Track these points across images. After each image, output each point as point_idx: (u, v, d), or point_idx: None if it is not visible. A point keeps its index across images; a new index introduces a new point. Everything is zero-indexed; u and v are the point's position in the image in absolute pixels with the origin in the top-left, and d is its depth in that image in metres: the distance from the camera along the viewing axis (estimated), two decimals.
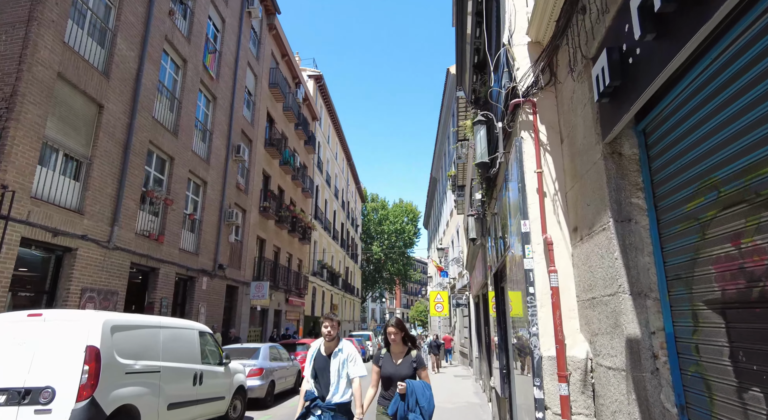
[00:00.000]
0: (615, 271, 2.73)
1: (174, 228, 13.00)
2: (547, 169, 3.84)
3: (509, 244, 4.85)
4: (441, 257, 25.42)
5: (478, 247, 9.71)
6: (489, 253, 8.16)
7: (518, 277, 4.16)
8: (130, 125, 10.75)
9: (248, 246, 18.92)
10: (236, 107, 17.73)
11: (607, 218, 2.82)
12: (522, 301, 4.05)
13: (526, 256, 3.68)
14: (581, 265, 3.40)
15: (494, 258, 7.22)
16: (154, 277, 12.18)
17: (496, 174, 5.64)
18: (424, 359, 3.84)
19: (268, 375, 10.66)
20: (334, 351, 3.83)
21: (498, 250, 6.34)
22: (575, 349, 3.34)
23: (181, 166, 13.44)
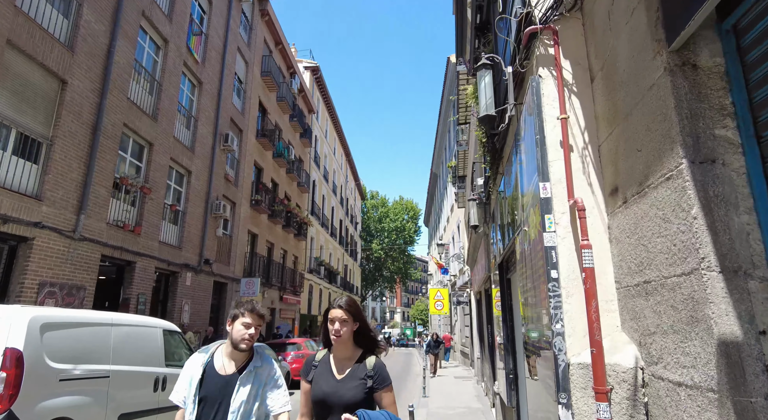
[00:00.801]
0: (691, 238, 1.81)
1: (153, 219, 12.09)
2: (573, 116, 2.91)
3: (519, 222, 3.93)
4: (441, 254, 24.49)
5: (480, 236, 8.79)
6: (493, 242, 7.25)
7: (534, 261, 3.24)
8: (99, 105, 9.83)
9: (238, 240, 18.02)
10: (225, 94, 16.81)
11: (676, 160, 1.89)
12: (538, 291, 3.13)
13: (547, 228, 2.76)
14: (625, 238, 2.48)
15: (499, 247, 6.31)
16: (130, 272, 11.27)
17: (503, 144, 4.72)
18: (387, 373, 2.20)
19: None
20: (245, 367, 2.35)
21: (505, 236, 5.43)
22: (617, 354, 2.42)
23: (161, 153, 12.52)
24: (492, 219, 7.13)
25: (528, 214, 3.37)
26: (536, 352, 3.42)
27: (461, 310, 23.37)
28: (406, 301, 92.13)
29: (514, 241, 4.29)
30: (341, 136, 40.27)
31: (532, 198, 3.16)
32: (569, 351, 2.58)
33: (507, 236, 5.23)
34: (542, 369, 3.20)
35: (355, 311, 2.21)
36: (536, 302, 3.22)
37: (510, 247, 4.86)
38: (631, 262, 2.39)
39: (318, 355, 2.31)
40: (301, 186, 26.25)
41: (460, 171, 15.54)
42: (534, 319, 3.39)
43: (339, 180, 39.79)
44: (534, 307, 3.36)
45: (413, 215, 54.38)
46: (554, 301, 2.67)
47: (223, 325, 16.76)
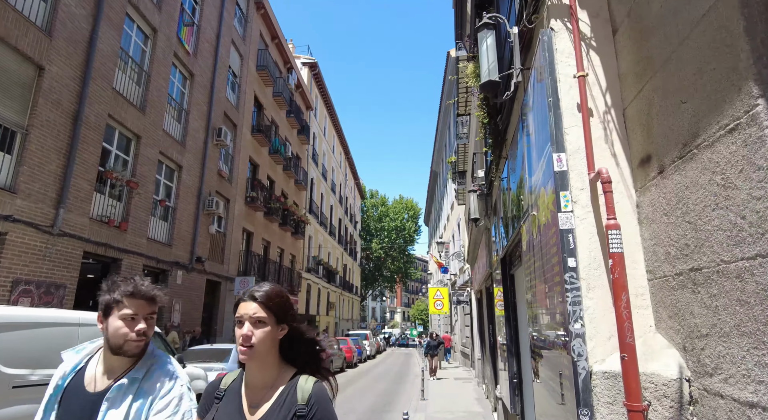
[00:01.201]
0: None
1: (141, 215, 11.61)
2: (592, 75, 2.43)
3: (526, 207, 3.45)
4: (441, 252, 24.01)
5: (481, 230, 8.30)
6: (494, 236, 6.77)
7: (544, 250, 2.76)
8: (81, 94, 9.36)
9: (233, 238, 17.54)
10: (218, 87, 16.34)
11: (747, 103, 1.41)
12: (549, 284, 2.65)
13: (563, 208, 2.28)
14: (661, 216, 2.00)
15: (502, 240, 5.83)
16: (115, 270, 10.80)
17: (506, 124, 4.24)
18: (331, 409, 1.40)
19: None
20: (126, 377, 1.56)
21: (509, 227, 4.95)
22: (654, 361, 1.94)
23: (149, 147, 12.05)
24: (494, 211, 6.65)
25: (538, 196, 2.89)
26: (546, 356, 2.95)
27: (461, 309, 22.89)
28: (406, 301, 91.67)
29: (520, 231, 3.81)
30: (340, 133, 39.79)
31: (543, 175, 2.68)
32: (591, 356, 2.10)
33: (511, 228, 4.75)
34: (554, 375, 2.73)
35: (280, 307, 1.41)
36: (547, 298, 2.75)
37: (515, 239, 4.38)
38: (671, 246, 1.92)
39: (227, 379, 1.50)
40: (299, 183, 25.78)
41: (460, 166, 15.06)
42: (543, 318, 2.92)
43: (338, 178, 39.31)
44: (543, 304, 2.88)
45: (413, 214, 53.90)
46: (572, 295, 2.20)
47: (216, 325, 16.31)
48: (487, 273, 8.31)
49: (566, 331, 2.23)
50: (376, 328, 60.35)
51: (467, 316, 20.34)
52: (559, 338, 2.47)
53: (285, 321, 1.43)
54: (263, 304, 1.39)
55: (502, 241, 5.63)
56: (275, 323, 1.40)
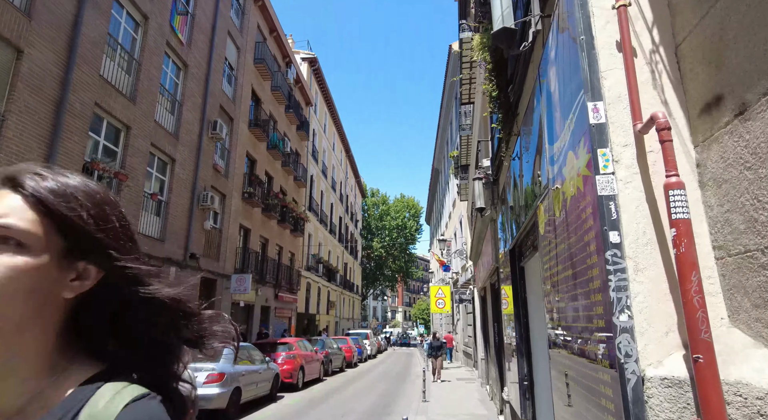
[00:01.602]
0: None
1: (131, 208, 11.15)
2: (635, 5, 1.94)
3: (544, 184, 2.96)
4: (443, 250, 23.52)
5: (487, 222, 7.82)
6: (502, 227, 6.29)
7: (572, 227, 2.27)
8: (64, 80, 8.90)
9: (229, 235, 17.08)
10: (213, 79, 15.87)
11: None
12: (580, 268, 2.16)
13: (602, 169, 1.81)
14: (743, 172, 1.53)
15: (511, 230, 5.34)
16: None
17: (519, 94, 3.75)
18: None
19: (231, 381, 8.81)
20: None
21: (520, 215, 4.46)
22: (739, 365, 1.46)
23: (139, 138, 11.59)
24: (501, 201, 6.17)
25: (563, 164, 2.41)
26: (575, 356, 2.47)
27: (464, 308, 22.41)
28: (407, 301, 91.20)
29: (536, 212, 3.33)
30: (341, 131, 39.32)
31: (571, 136, 2.21)
32: (643, 358, 1.63)
33: (523, 214, 4.27)
34: (587, 382, 2.25)
35: (87, 219, 0.64)
36: (576, 285, 2.27)
37: (528, 225, 3.89)
38: (760, 211, 1.43)
39: None
40: (298, 180, 25.32)
41: (462, 160, 14.57)
42: (570, 311, 2.44)
43: (338, 176, 38.84)
44: (570, 294, 2.40)
45: (414, 213, 53.43)
46: (615, 279, 1.72)
47: None
48: (492, 268, 7.82)
49: (607, 324, 1.75)
50: (377, 327, 59.89)
51: (470, 315, 19.86)
52: (593, 335, 1.99)
53: (94, 252, 0.65)
54: (37, 200, 0.62)
55: (512, 230, 5.15)
56: (58, 253, 0.63)
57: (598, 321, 1.89)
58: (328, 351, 17.84)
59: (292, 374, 12.75)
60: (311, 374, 14.47)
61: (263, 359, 10.95)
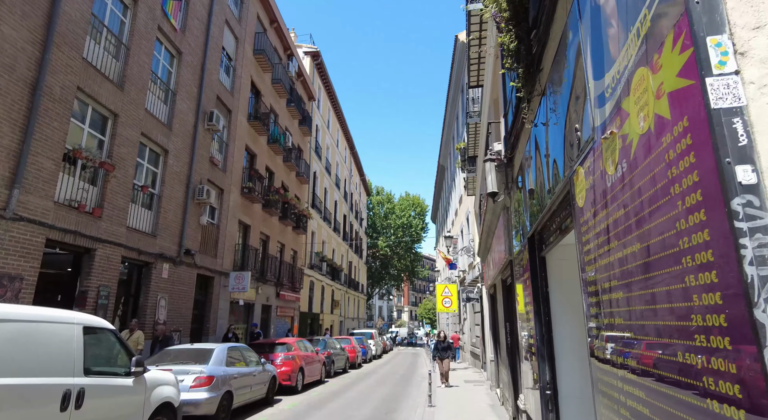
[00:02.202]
0: None
1: (118, 201, 10.54)
2: None
3: (585, 139, 2.25)
4: (449, 247, 22.77)
5: (498, 211, 7.10)
6: (517, 214, 5.57)
7: (649, 174, 1.55)
8: (41, 60, 8.28)
9: (227, 231, 16.46)
10: (209, 69, 15.25)
11: None
12: (662, 235, 1.44)
13: (715, 69, 1.09)
14: None
15: (531, 213, 4.63)
16: (88, 261, 9.73)
17: (545, 40, 3.04)
18: None
19: (221, 384, 8.15)
20: None
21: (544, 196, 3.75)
22: None
23: (128, 127, 10.97)
24: (516, 184, 5.45)
25: (624, 93, 1.70)
26: (651, 382, 1.74)
27: (471, 307, 21.67)
28: (413, 300, 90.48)
29: (572, 181, 2.61)
30: (344, 127, 38.65)
31: (644, 44, 1.50)
32: None
33: (547, 196, 3.55)
34: (669, 406, 1.54)
35: None
36: (649, 266, 1.56)
37: (555, 202, 3.18)
38: None
39: None
40: (300, 176, 24.68)
41: (470, 151, 13.84)
42: (638, 303, 1.72)
43: (342, 173, 38.18)
44: (639, 279, 1.69)
45: (420, 211, 52.69)
46: (754, 243, 1.03)
47: (209, 323, 15.25)
48: (504, 262, 7.10)
49: (735, 324, 1.06)
50: (382, 327, 59.20)
51: (477, 314, 19.12)
52: (694, 341, 1.27)
53: None
54: None
55: (530, 215, 4.42)
56: None
57: (712, 318, 1.18)
58: (330, 351, 17.17)
59: (291, 376, 12.08)
60: (312, 376, 13.80)
61: (259, 361, 10.29)
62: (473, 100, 11.45)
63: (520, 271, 5.25)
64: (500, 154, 5.82)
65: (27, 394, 4.17)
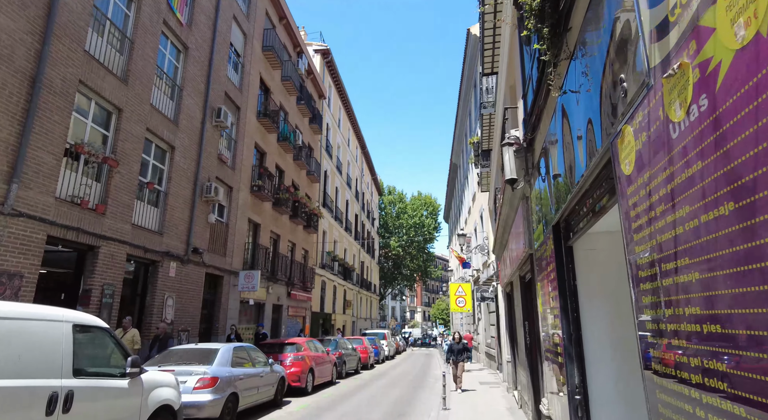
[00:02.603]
0: None
1: (123, 197, 10.31)
2: None
3: (629, 86, 1.81)
4: (462, 245, 22.27)
5: (516, 202, 6.65)
6: (537, 203, 5.12)
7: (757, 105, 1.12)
8: (41, 52, 8.05)
9: (236, 229, 16.21)
10: (217, 64, 15.02)
11: None
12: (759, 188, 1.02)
13: None
14: None
15: (554, 202, 4.20)
16: (92, 258, 9.50)
17: None
18: None
19: (225, 386, 7.82)
20: None
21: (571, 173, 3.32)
22: None
23: (133, 122, 10.74)
24: (537, 169, 5.00)
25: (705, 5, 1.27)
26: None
27: (485, 307, 21.15)
28: (426, 301, 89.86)
29: (613, 147, 2.18)
30: (355, 126, 38.33)
31: None
32: None
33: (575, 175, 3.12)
34: None
35: None
36: (751, 231, 1.14)
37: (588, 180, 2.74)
38: None
39: None
40: (311, 175, 24.39)
41: (484, 144, 13.37)
42: (717, 285, 1.29)
43: (354, 172, 37.86)
44: (722, 251, 1.26)
45: (432, 211, 52.19)
46: None
47: (218, 322, 15.00)
48: (524, 257, 6.65)
49: None
50: (395, 327, 58.72)
51: (492, 314, 18.60)
52: None
53: None
54: None
55: (557, 200, 3.99)
56: None
57: None
58: (341, 352, 16.80)
59: (301, 377, 11.74)
60: (322, 377, 13.45)
61: (266, 361, 9.96)
62: (487, 90, 10.99)
63: (543, 264, 4.80)
64: (519, 138, 5.38)
65: (8, 398, 3.85)
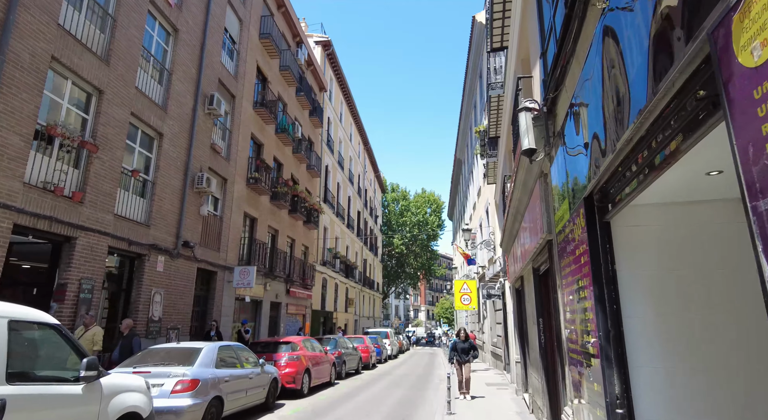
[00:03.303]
0: None
1: (104, 185, 9.60)
2: None
3: None
4: (467, 241, 21.46)
5: (532, 178, 5.87)
6: (561, 176, 4.35)
7: None
8: (4, 22, 7.34)
9: (231, 223, 15.50)
10: (210, 49, 14.29)
11: None
12: None
13: None
14: None
15: (590, 165, 3.42)
16: (68, 250, 8.79)
17: None
18: None
19: (208, 389, 7.08)
20: None
21: (616, 120, 2.54)
22: None
23: (115, 105, 10.02)
24: (560, 137, 4.22)
25: None
26: None
27: (491, 305, 20.34)
28: (430, 299, 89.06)
29: (714, 41, 1.42)
30: (358, 121, 37.56)
31: None
32: None
33: (630, 103, 2.34)
34: None
35: None
36: None
37: (658, 107, 1.97)
38: None
39: None
40: (311, 169, 23.66)
41: (492, 130, 12.56)
42: None
43: (356, 169, 37.10)
44: None
45: (436, 208, 51.38)
46: None
47: (212, 319, 14.28)
48: (539, 245, 5.86)
49: None
50: (399, 326, 57.94)
51: (499, 312, 17.80)
52: None
53: None
54: None
55: (595, 162, 3.21)
56: None
57: None
58: (341, 351, 16.05)
59: (296, 378, 11.00)
60: (320, 378, 12.71)
61: (257, 361, 9.22)
62: (495, 71, 10.19)
63: (569, 247, 4.01)
64: (538, 103, 4.60)
65: None
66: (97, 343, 7.47)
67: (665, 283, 3.01)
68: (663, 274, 3.06)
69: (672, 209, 3.02)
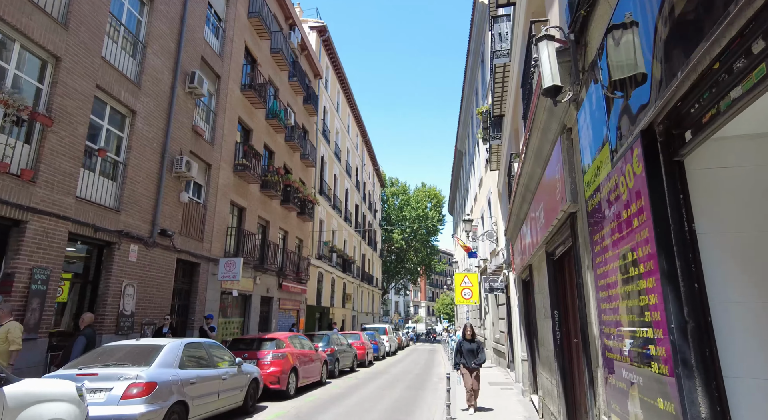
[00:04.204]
0: None
1: (62, 164, 8.56)
2: None
3: None
4: (468, 232, 20.42)
5: (549, 142, 4.82)
6: (595, 117, 3.31)
7: None
8: None
9: (216, 212, 14.47)
10: (191, 24, 13.23)
11: None
12: None
13: None
14: None
15: (652, 87, 2.35)
16: (17, 235, 7.77)
17: None
18: None
19: (168, 393, 6.06)
20: None
21: None
22: None
23: (76, 75, 8.97)
24: (593, 71, 3.17)
25: None
26: None
27: (493, 299, 19.34)
28: (430, 295, 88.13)
29: None
30: (356, 112, 36.43)
31: None
32: None
33: None
34: None
35: None
36: None
37: None
38: None
39: None
40: (305, 158, 22.60)
41: (496, 108, 11.49)
42: None
43: (354, 161, 36.00)
44: None
45: (436, 203, 50.39)
46: None
47: (194, 315, 13.28)
48: (558, 221, 4.83)
49: None
50: (398, 322, 56.96)
51: (502, 307, 16.79)
52: None
53: None
54: None
55: (659, 83, 2.14)
56: None
57: None
58: (334, 348, 15.05)
59: (281, 378, 9.99)
60: (309, 377, 11.70)
61: (233, 360, 8.21)
62: (500, 37, 9.12)
63: (611, 209, 2.97)
64: (563, 31, 3.57)
65: None
66: (13, 341, 5.93)
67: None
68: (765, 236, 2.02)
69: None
